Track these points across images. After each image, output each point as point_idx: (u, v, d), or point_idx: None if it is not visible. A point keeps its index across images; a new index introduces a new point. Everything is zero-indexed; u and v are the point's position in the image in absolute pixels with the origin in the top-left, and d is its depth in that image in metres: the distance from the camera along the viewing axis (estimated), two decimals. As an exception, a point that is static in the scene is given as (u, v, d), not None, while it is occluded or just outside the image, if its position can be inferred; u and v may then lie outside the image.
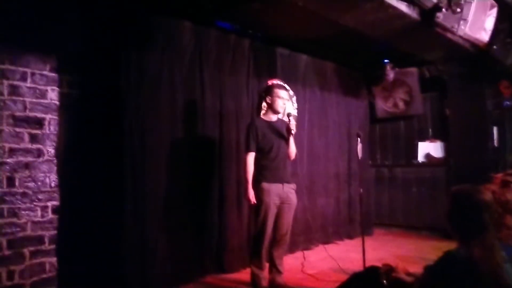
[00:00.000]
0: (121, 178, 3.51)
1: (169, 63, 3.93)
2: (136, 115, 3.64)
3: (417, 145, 6.51)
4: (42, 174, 3.26)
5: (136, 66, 3.66)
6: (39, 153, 3.25)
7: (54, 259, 3.28)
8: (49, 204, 3.29)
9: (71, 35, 3.43)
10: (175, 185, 3.92)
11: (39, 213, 3.23)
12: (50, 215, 3.29)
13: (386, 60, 5.95)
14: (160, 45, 3.85)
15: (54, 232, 3.29)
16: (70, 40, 3.42)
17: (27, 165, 3.17)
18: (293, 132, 3.67)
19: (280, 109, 3.78)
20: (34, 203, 3.20)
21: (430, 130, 6.47)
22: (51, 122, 3.33)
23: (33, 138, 3.22)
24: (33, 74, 3.23)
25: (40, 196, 3.24)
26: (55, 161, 3.33)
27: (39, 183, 3.24)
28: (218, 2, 3.85)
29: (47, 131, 3.30)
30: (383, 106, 6.54)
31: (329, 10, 3.84)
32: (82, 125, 3.51)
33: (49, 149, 3.31)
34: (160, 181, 3.81)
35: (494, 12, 3.94)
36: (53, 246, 3.28)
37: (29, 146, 3.20)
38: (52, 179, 3.31)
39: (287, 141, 3.71)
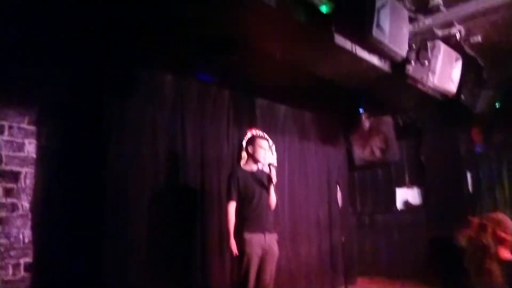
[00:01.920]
0: (100, 231, 3.42)
1: (151, 114, 3.98)
2: (117, 166, 3.62)
3: (395, 192, 6.60)
4: (15, 230, 3.15)
5: (118, 117, 3.69)
6: (13, 208, 3.16)
7: (25, 320, 3.10)
8: (22, 261, 3.15)
9: (52, 87, 3.43)
10: (157, 235, 3.83)
11: (10, 271, 3.08)
12: (22, 273, 3.14)
13: (361, 109, 6.14)
14: (142, 96, 3.90)
15: (26, 291, 3.13)
16: (51, 91, 3.43)
17: (0, 221, 3.07)
18: (274, 182, 3.69)
19: (261, 159, 3.81)
20: (5, 261, 3.06)
21: (406, 176, 6.59)
22: (27, 176, 3.26)
23: (8, 193, 3.14)
24: (10, 127, 3.20)
25: (12, 253, 3.10)
26: (29, 215, 3.23)
27: (12, 239, 3.12)
28: (198, 55, 3.97)
29: (23, 185, 3.23)
30: (360, 154, 6.65)
31: (306, 62, 4.01)
32: (60, 179, 3.44)
33: (24, 203, 3.22)
34: (141, 231, 3.73)
35: (459, 64, 4.17)
36: (24, 306, 3.11)
37: (3, 200, 3.11)
38: (26, 234, 3.20)
39: (268, 190, 3.72)
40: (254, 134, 4.07)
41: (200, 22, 3.25)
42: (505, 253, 2.20)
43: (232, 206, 3.62)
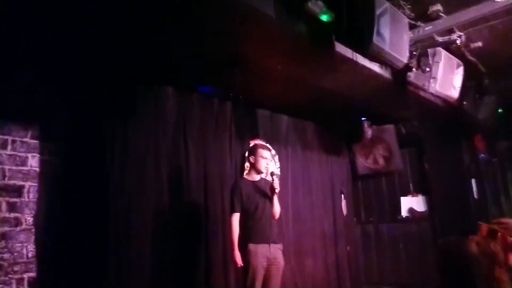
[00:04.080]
0: (104, 248, 3.39)
1: (154, 132, 3.97)
2: (121, 180, 3.60)
3: (399, 201, 6.54)
4: (19, 244, 3.13)
5: (121, 137, 3.69)
6: (17, 222, 3.15)
7: (28, 336, 3.06)
8: (25, 276, 3.13)
9: (54, 104, 3.45)
10: (161, 254, 3.79)
11: (14, 286, 3.05)
12: (26, 288, 3.12)
13: (363, 118, 6.13)
14: (144, 114, 3.89)
15: (29, 306, 3.10)
16: (53, 109, 3.44)
17: (3, 235, 3.06)
18: (277, 190, 3.66)
19: (263, 169, 3.79)
20: (9, 276, 3.04)
21: (411, 185, 6.54)
22: (31, 190, 3.26)
23: (11, 207, 3.14)
24: (13, 141, 3.21)
25: (16, 268, 3.08)
26: (33, 229, 3.22)
27: (15, 254, 3.10)
28: (200, 69, 3.98)
29: (26, 199, 3.22)
30: (363, 163, 6.62)
31: (307, 73, 4.01)
32: (64, 193, 3.42)
33: (27, 218, 3.21)
34: (145, 250, 3.69)
35: (460, 70, 4.17)
36: (28, 322, 3.08)
37: (6, 215, 3.10)
38: (29, 249, 3.18)
39: (271, 200, 3.69)
40: (256, 144, 4.05)
41: (200, 38, 3.26)
42: (514, 260, 2.17)
43: (236, 218, 3.59)
